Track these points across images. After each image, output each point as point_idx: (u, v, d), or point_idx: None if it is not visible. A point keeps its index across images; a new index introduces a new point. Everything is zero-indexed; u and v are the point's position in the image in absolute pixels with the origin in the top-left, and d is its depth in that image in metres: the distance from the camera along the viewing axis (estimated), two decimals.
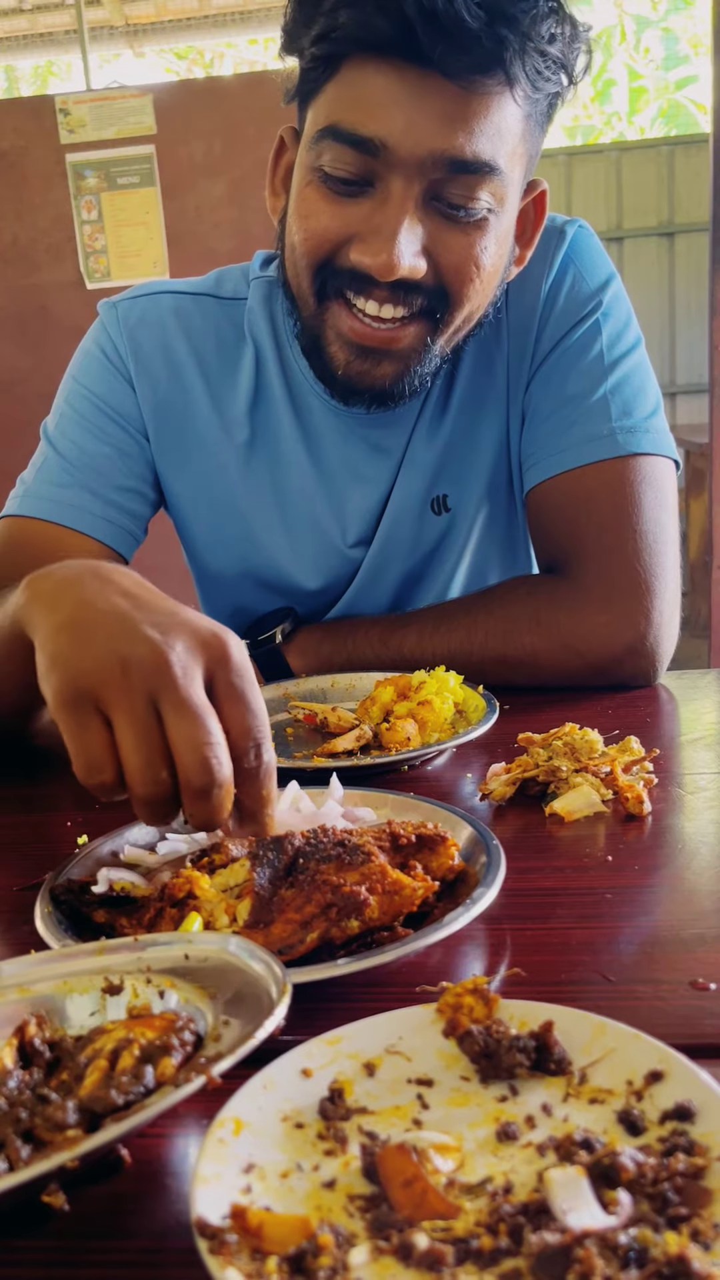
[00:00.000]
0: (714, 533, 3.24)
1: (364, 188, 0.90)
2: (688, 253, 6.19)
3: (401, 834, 0.61)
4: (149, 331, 1.12)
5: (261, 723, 0.62)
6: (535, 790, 0.78)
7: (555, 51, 0.88)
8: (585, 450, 1.04)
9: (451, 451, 1.12)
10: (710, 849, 0.69)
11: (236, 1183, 0.38)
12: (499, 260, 0.97)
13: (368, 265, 0.89)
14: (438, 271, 0.92)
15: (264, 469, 1.13)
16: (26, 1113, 0.42)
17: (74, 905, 0.60)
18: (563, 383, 1.07)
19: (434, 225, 0.91)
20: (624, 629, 1.01)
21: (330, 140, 0.89)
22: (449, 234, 0.91)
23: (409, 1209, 0.37)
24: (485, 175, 0.89)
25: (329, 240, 0.92)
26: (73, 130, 3.65)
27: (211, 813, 0.58)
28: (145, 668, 0.59)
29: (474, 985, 0.47)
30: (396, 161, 0.87)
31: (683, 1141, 0.39)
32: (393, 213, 0.88)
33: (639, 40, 11.21)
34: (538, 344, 1.08)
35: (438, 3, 0.80)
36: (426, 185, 0.88)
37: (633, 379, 1.07)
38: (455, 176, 0.88)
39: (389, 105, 0.85)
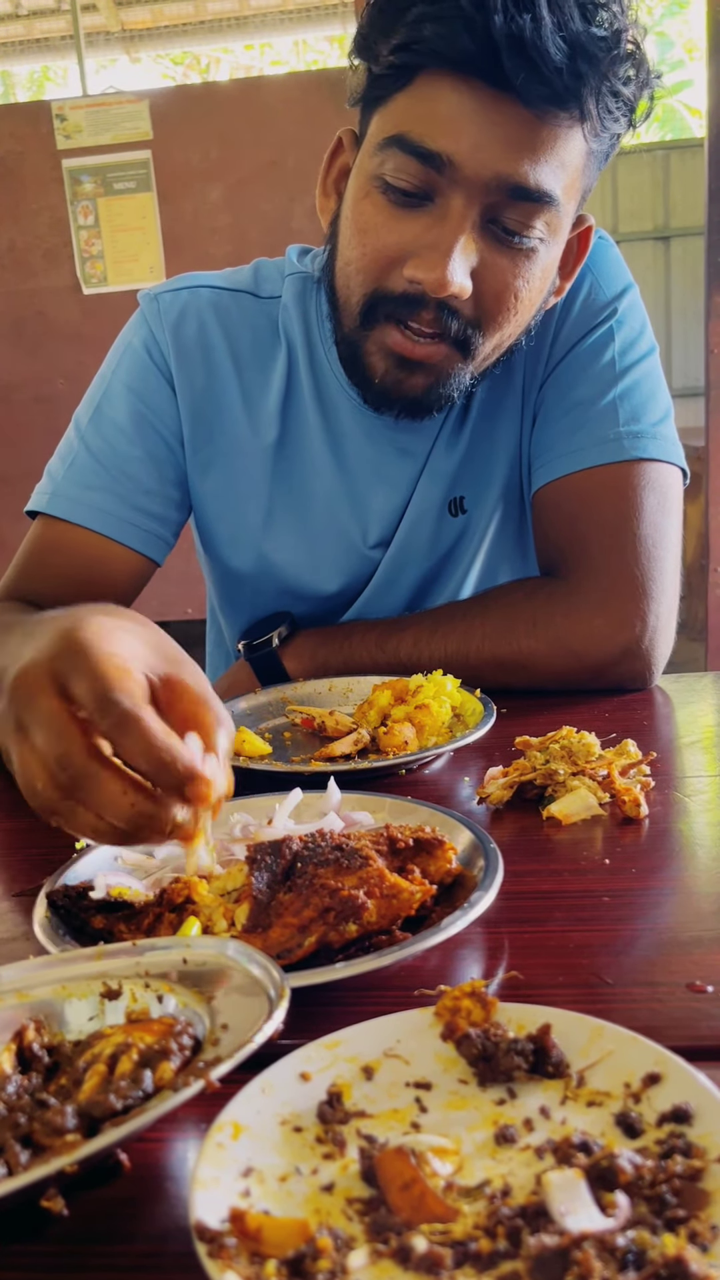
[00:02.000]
0: (710, 536, 3.24)
1: (423, 201, 0.89)
2: (683, 257, 6.20)
3: (399, 838, 0.61)
4: (189, 326, 1.12)
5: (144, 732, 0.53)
6: (533, 793, 0.78)
7: (628, 93, 0.88)
8: (590, 453, 1.05)
9: (471, 454, 1.13)
10: (707, 852, 0.69)
11: (235, 1186, 0.38)
12: (539, 292, 0.97)
13: (421, 279, 0.89)
14: (478, 298, 0.92)
15: (290, 469, 1.14)
16: (25, 1117, 0.42)
17: (72, 910, 0.60)
18: (573, 386, 1.07)
19: (485, 247, 0.91)
20: (620, 632, 1.01)
21: (396, 149, 0.88)
22: (498, 258, 0.91)
23: (407, 1212, 0.37)
24: (544, 205, 0.89)
25: (385, 257, 0.92)
26: (69, 136, 3.66)
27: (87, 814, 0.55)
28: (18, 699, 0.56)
29: (472, 988, 0.47)
30: (460, 179, 0.87)
31: (680, 1144, 0.39)
32: (450, 229, 0.88)
33: None
34: (552, 348, 1.09)
35: (525, 29, 0.80)
36: (485, 207, 0.88)
37: (643, 386, 1.07)
38: (515, 203, 0.88)
39: (461, 122, 0.85)
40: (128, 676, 0.55)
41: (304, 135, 3.59)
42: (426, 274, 0.89)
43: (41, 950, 0.56)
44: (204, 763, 0.54)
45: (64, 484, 1.10)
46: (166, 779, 0.53)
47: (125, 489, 1.09)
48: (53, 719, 0.54)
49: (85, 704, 0.54)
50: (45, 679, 0.55)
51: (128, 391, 1.12)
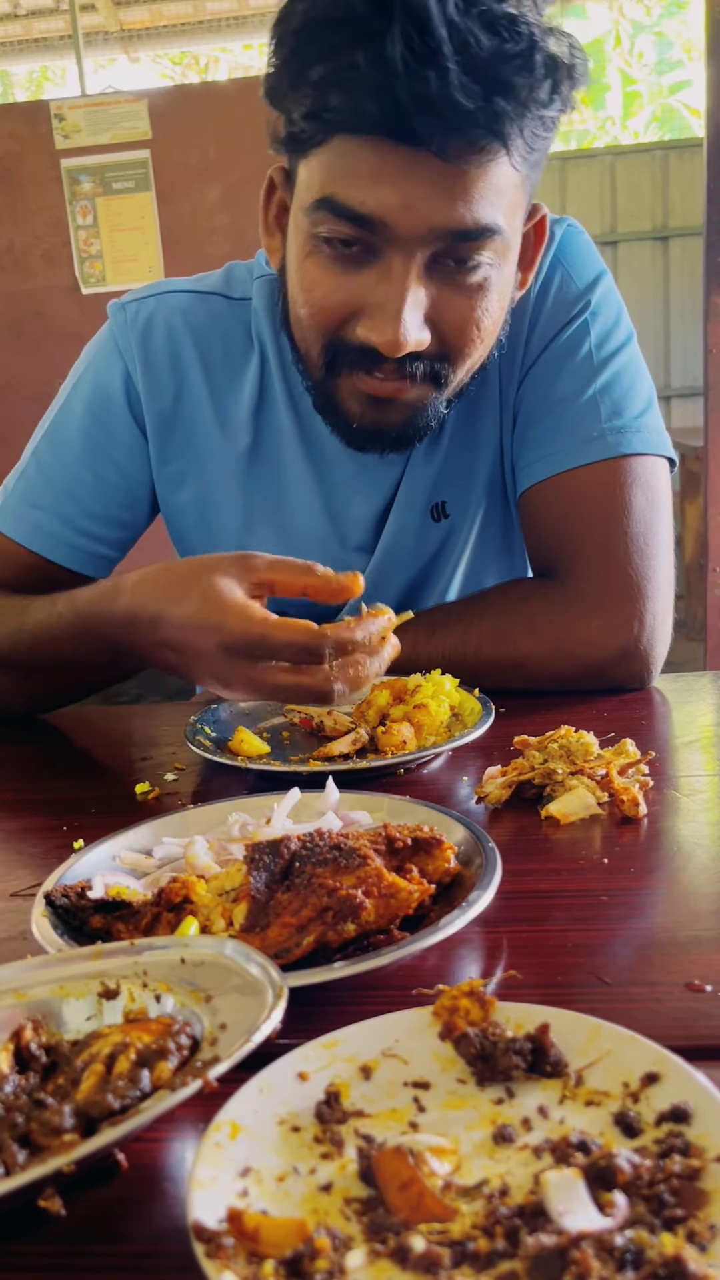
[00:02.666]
0: (709, 535, 3.24)
1: (366, 255, 0.88)
2: (682, 257, 6.20)
3: (398, 837, 0.61)
4: (157, 335, 1.11)
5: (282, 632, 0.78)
6: (531, 793, 0.78)
7: (554, 111, 0.86)
8: (575, 453, 1.04)
9: (451, 458, 1.12)
10: (705, 851, 0.69)
11: (233, 1186, 0.38)
12: (500, 313, 0.96)
13: (375, 343, 0.89)
14: (440, 336, 0.91)
15: (265, 476, 1.13)
16: (23, 1117, 0.42)
17: (70, 910, 0.60)
18: (552, 384, 1.06)
19: (436, 289, 0.89)
20: (617, 633, 1.01)
21: (327, 212, 0.87)
22: (452, 297, 0.90)
23: (405, 1212, 0.37)
24: (487, 239, 0.88)
25: (335, 315, 0.91)
26: (68, 136, 3.66)
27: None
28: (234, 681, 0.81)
29: (470, 988, 0.47)
30: (396, 237, 0.85)
31: (678, 1143, 0.39)
32: (396, 288, 0.87)
33: (633, 45, 11.25)
34: (528, 345, 1.08)
35: (431, 87, 0.77)
36: (429, 256, 0.87)
37: (623, 377, 1.06)
38: (458, 244, 0.87)
39: (385, 182, 0.83)
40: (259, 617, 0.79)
41: None
42: (380, 337, 0.88)
43: (39, 950, 0.56)
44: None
45: (11, 499, 1.13)
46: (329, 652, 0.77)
47: (68, 510, 1.11)
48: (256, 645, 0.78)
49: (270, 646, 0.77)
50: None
51: (84, 411, 1.12)
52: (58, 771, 0.97)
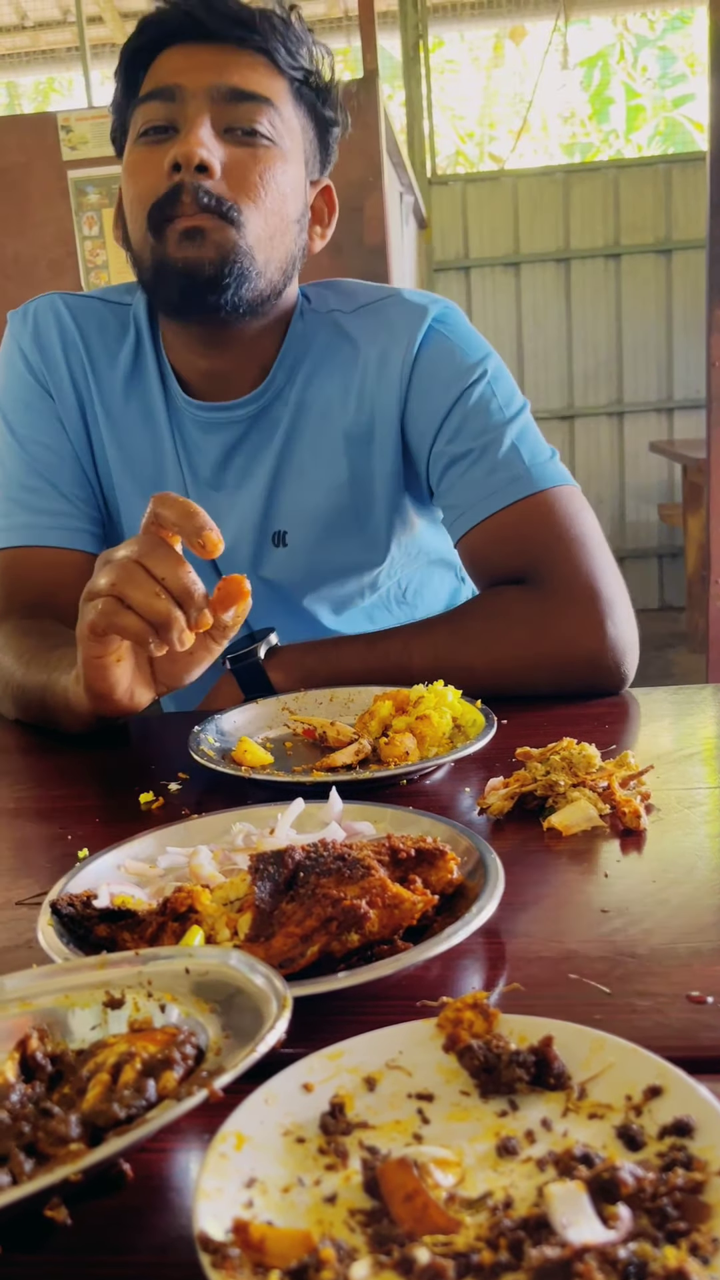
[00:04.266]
0: (712, 548, 3.24)
1: (171, 133, 1.07)
2: (685, 270, 6.22)
3: (401, 848, 0.61)
4: (46, 322, 1.25)
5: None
6: (533, 804, 0.78)
7: (294, 39, 1.11)
8: (509, 491, 1.13)
9: (284, 489, 1.22)
10: (706, 863, 0.69)
11: (238, 1197, 0.38)
12: (286, 196, 1.11)
13: (175, 155, 1.04)
14: (229, 181, 1.06)
15: (133, 441, 1.23)
16: (29, 1126, 0.42)
17: (75, 919, 0.60)
18: (470, 439, 1.15)
19: (228, 147, 1.07)
20: (595, 627, 1.06)
21: (141, 106, 1.09)
22: (238, 152, 1.07)
23: (410, 1223, 0.37)
24: (261, 103, 1.08)
25: (153, 179, 1.07)
26: (74, 147, 3.67)
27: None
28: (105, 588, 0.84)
29: (474, 1000, 0.47)
30: (189, 95, 1.07)
31: (681, 1156, 0.39)
32: (191, 122, 1.06)
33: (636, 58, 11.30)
34: (425, 410, 1.17)
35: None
36: (216, 115, 1.07)
37: (531, 431, 1.17)
38: (236, 104, 1.07)
39: (180, 65, 1.09)
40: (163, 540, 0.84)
41: None
42: (178, 149, 1.04)
43: (45, 959, 0.57)
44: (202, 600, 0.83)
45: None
46: (188, 604, 0.82)
47: (33, 500, 1.22)
48: (134, 545, 0.84)
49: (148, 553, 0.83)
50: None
51: (9, 413, 1.25)
52: (62, 780, 0.97)
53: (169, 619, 0.82)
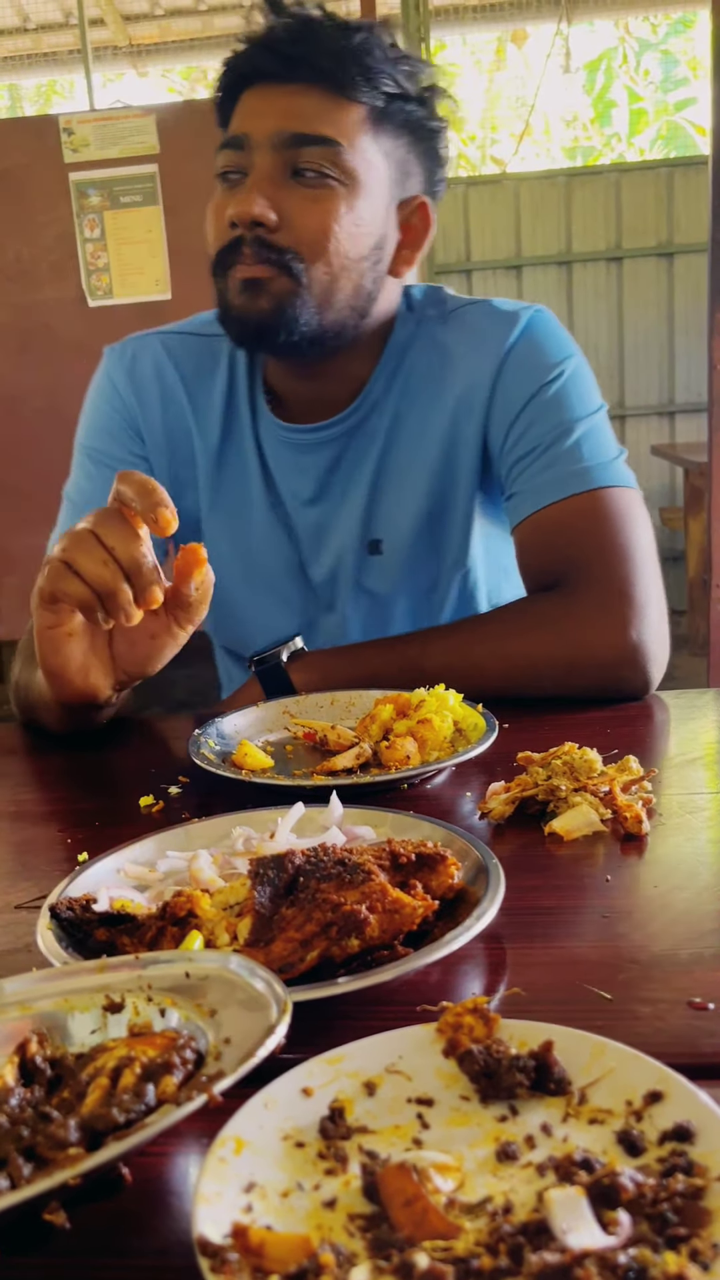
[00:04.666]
0: (713, 551, 3.24)
1: (243, 176, 1.09)
2: (686, 273, 6.23)
3: (401, 853, 0.61)
4: (144, 366, 1.26)
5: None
6: (534, 809, 0.78)
7: (375, 63, 1.09)
8: (566, 484, 1.13)
9: (382, 498, 1.22)
10: (708, 869, 0.69)
11: (237, 1201, 0.38)
12: (355, 232, 1.10)
13: (232, 214, 1.07)
14: (293, 231, 1.08)
15: (229, 475, 1.25)
16: (28, 1130, 0.42)
17: (75, 923, 0.60)
18: (540, 433, 1.16)
19: (290, 192, 1.08)
20: (616, 632, 1.05)
21: (219, 152, 1.12)
22: (300, 199, 1.08)
23: (409, 1228, 0.37)
24: (328, 147, 1.07)
25: (223, 221, 1.10)
26: (76, 149, 3.68)
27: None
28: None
29: (474, 1005, 0.47)
30: (255, 145, 1.08)
31: (682, 1162, 0.39)
32: (253, 177, 1.08)
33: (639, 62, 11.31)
34: (506, 405, 1.17)
35: (271, 37, 1.09)
36: (281, 161, 1.07)
37: (600, 431, 1.17)
38: (301, 149, 1.07)
39: (248, 111, 1.11)
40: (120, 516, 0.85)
41: None
42: (234, 209, 1.07)
43: (44, 962, 0.57)
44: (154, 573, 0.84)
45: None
46: (136, 576, 0.84)
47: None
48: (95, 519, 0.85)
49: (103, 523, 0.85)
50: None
51: (91, 448, 1.27)
52: (62, 784, 0.97)
53: (115, 589, 0.83)
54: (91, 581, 0.84)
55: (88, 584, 0.84)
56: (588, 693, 1.05)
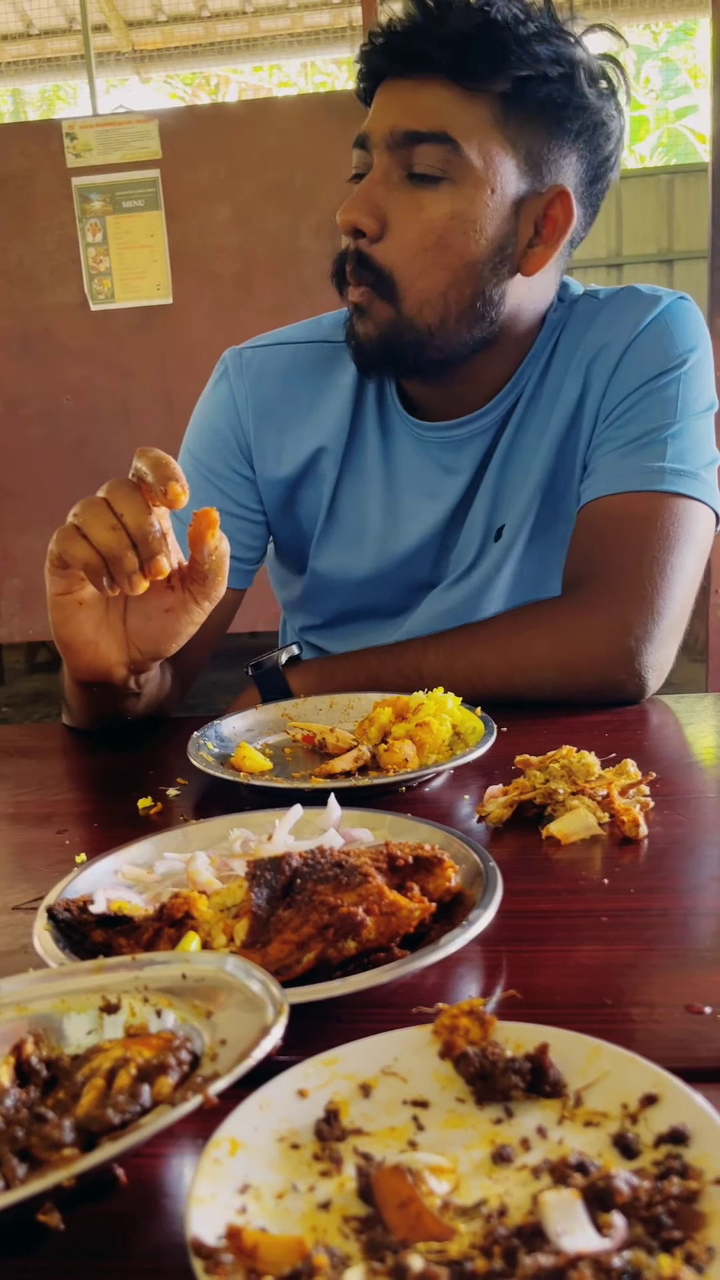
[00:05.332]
0: (711, 557, 3.25)
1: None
2: (686, 280, 6.24)
3: (399, 855, 0.61)
4: (269, 380, 1.24)
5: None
6: (532, 812, 0.78)
7: (494, 40, 1.01)
8: (635, 479, 1.10)
9: (508, 480, 1.20)
10: (705, 873, 0.69)
11: (232, 1203, 0.38)
12: (464, 238, 1.06)
13: (337, 221, 1.07)
14: (391, 238, 1.06)
15: (351, 490, 1.24)
16: (23, 1131, 0.42)
17: (72, 924, 0.60)
18: (632, 422, 1.13)
19: (400, 194, 1.06)
20: (619, 628, 1.04)
21: (352, 150, 1.10)
22: (409, 202, 1.05)
23: (404, 1231, 0.37)
24: (442, 145, 1.03)
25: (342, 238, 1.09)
26: (79, 154, 3.69)
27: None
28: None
29: (470, 1007, 0.47)
30: (373, 144, 1.07)
31: (677, 1165, 0.39)
32: (366, 180, 1.07)
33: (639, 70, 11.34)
34: (618, 386, 1.15)
35: (391, 29, 1.05)
36: (397, 161, 1.05)
37: (696, 433, 1.13)
38: (415, 146, 1.04)
39: (373, 111, 1.09)
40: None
41: (311, 156, 3.62)
42: (340, 215, 1.06)
43: (41, 963, 0.57)
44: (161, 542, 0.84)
45: None
46: (142, 544, 0.84)
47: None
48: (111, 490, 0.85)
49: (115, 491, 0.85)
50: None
51: (193, 460, 1.26)
52: (60, 785, 0.97)
53: (120, 554, 0.83)
54: (98, 545, 0.84)
55: (95, 548, 0.84)
56: (585, 696, 1.05)
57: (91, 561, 0.84)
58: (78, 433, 3.83)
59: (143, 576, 0.84)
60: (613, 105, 1.10)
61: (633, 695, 1.06)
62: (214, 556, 0.88)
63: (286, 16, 6.07)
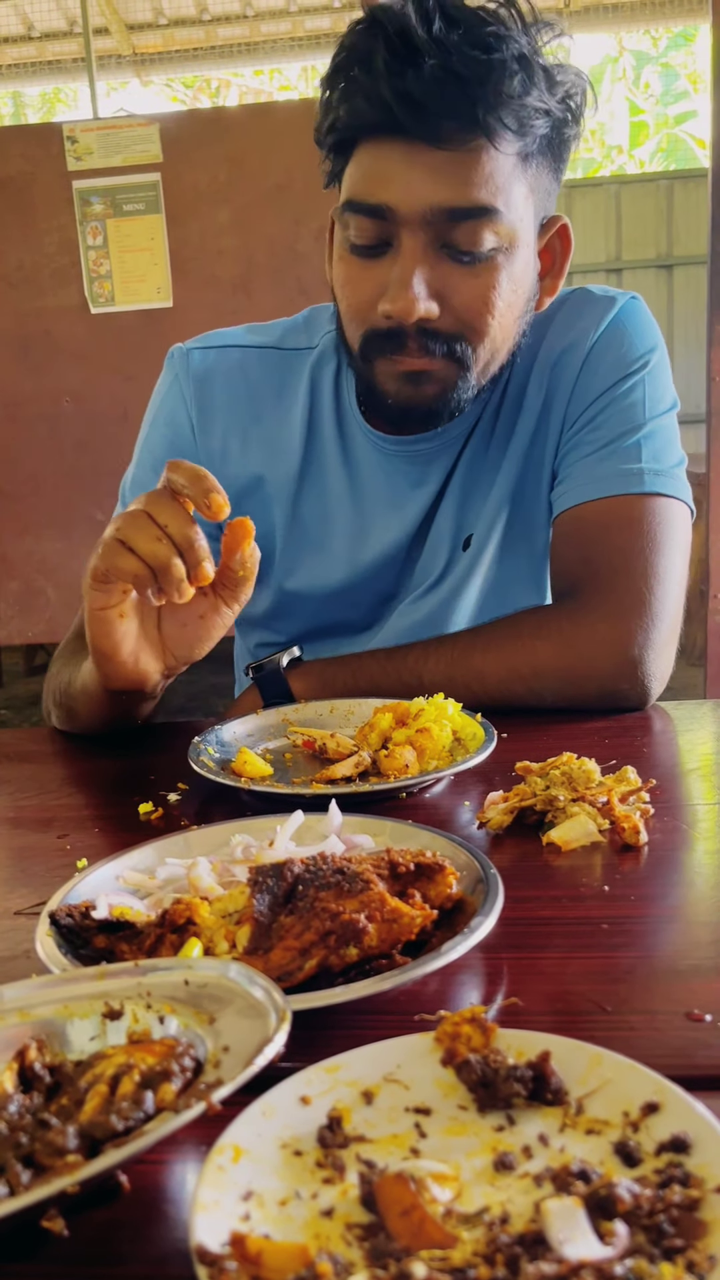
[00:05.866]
0: (711, 562, 3.25)
1: (383, 249, 1.01)
2: (685, 285, 6.25)
3: (400, 862, 0.61)
4: (215, 384, 1.21)
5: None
6: (532, 819, 0.79)
7: (533, 101, 0.97)
8: (614, 483, 1.11)
9: (475, 490, 1.19)
10: (705, 880, 0.70)
11: (235, 1210, 0.38)
12: (515, 296, 1.05)
13: (392, 312, 1.00)
14: (455, 314, 1.02)
15: (309, 500, 1.21)
16: (27, 1137, 0.42)
17: (74, 929, 0.60)
18: (602, 426, 1.14)
19: (446, 271, 1.00)
20: (621, 639, 1.05)
21: (350, 213, 1.01)
22: (462, 278, 1.01)
23: (407, 1238, 0.37)
24: (485, 218, 0.98)
25: (364, 302, 1.03)
26: (80, 157, 3.69)
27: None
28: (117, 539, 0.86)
29: (472, 1014, 0.47)
30: (403, 220, 0.98)
31: (678, 1173, 0.39)
32: (406, 263, 0.99)
33: (639, 75, 11.37)
34: (583, 392, 1.15)
35: (409, 82, 0.92)
36: (433, 236, 0.99)
37: (665, 434, 1.15)
38: (458, 224, 0.98)
39: (390, 174, 0.98)
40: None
41: (311, 160, 3.60)
42: (393, 305, 0.99)
43: (43, 969, 0.57)
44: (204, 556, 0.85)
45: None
46: (188, 552, 0.85)
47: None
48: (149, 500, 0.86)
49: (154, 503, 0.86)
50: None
51: (153, 460, 1.23)
52: (61, 790, 0.97)
53: (168, 563, 0.84)
54: (146, 557, 0.85)
55: (142, 560, 0.85)
56: (586, 704, 1.05)
57: (140, 573, 0.86)
58: (77, 435, 3.84)
59: (190, 584, 0.86)
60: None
61: (636, 704, 1.06)
62: (248, 563, 0.91)
63: (287, 20, 6.08)
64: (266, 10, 6.01)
